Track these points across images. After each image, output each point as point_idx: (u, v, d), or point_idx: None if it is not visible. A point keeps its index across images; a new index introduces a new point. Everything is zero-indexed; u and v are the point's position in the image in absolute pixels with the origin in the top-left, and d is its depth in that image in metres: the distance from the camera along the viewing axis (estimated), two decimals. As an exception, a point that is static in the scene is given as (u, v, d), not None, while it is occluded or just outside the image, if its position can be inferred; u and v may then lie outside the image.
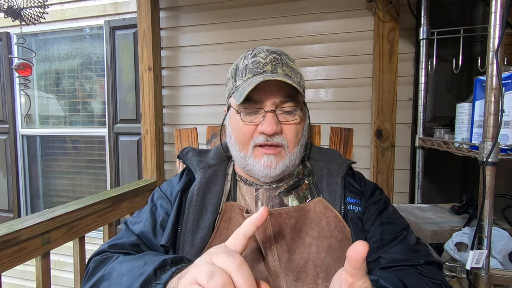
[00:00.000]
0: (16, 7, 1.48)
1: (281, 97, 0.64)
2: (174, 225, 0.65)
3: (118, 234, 0.70)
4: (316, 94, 1.62)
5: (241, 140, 0.68)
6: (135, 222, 0.70)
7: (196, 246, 0.62)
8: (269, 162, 0.65)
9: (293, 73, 0.67)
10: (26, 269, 2.28)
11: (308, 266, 0.60)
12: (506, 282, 0.76)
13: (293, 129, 0.66)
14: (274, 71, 0.64)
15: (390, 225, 0.66)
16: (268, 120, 0.63)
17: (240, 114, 0.67)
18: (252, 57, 0.67)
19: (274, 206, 0.68)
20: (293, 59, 0.72)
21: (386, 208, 0.69)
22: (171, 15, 1.82)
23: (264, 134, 0.64)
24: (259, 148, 0.66)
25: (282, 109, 0.65)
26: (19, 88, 2.25)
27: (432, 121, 1.44)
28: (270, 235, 0.62)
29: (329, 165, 0.73)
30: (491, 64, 0.72)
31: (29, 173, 2.40)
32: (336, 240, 0.62)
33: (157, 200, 0.73)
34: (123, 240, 0.65)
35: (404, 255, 0.61)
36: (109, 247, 0.64)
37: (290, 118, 0.66)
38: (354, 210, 0.66)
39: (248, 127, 0.66)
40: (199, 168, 0.72)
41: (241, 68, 0.68)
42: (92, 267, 0.60)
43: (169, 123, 1.87)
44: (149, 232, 0.66)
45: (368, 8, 1.52)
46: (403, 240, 0.64)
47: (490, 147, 0.73)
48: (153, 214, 0.69)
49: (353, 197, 0.68)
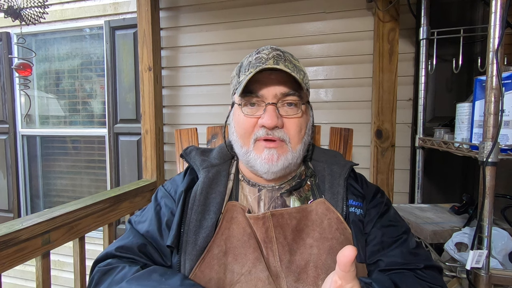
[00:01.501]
0: (16, 7, 1.48)
1: (282, 90, 0.64)
2: (179, 225, 0.65)
3: (123, 234, 0.69)
4: (316, 94, 1.62)
5: (242, 134, 0.68)
6: (139, 222, 0.70)
7: (198, 246, 0.62)
8: (270, 155, 0.64)
9: (296, 70, 0.66)
10: (26, 269, 2.28)
11: (309, 267, 0.60)
12: (506, 282, 0.76)
13: (295, 124, 0.66)
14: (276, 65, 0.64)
15: (391, 228, 0.66)
16: (268, 112, 0.63)
17: (241, 107, 0.67)
18: (256, 54, 0.68)
19: (276, 207, 0.68)
20: (298, 59, 0.72)
21: (387, 211, 0.69)
22: (171, 15, 1.82)
23: (265, 127, 0.64)
24: (260, 142, 0.65)
25: (283, 102, 0.65)
26: (19, 88, 2.25)
27: (432, 121, 1.44)
28: (272, 236, 0.62)
29: (331, 166, 0.72)
30: (491, 64, 0.72)
31: (29, 173, 2.40)
32: (337, 242, 0.62)
33: (161, 199, 0.72)
34: (130, 240, 0.65)
35: (403, 259, 0.61)
36: (116, 250, 0.63)
37: (292, 112, 0.65)
38: (356, 213, 0.66)
39: (249, 120, 0.66)
40: (203, 168, 0.71)
41: (245, 65, 0.68)
42: (97, 278, 0.60)
43: (169, 123, 1.87)
44: (154, 232, 0.66)
45: (368, 8, 1.52)
46: (403, 244, 0.64)
47: (490, 147, 0.73)
48: (158, 214, 0.69)
49: (355, 199, 0.68)
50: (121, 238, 0.67)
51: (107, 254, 0.64)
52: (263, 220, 0.63)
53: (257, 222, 0.63)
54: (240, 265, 0.61)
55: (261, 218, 0.63)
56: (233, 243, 0.63)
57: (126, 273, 0.57)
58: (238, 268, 0.61)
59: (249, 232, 0.64)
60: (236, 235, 0.64)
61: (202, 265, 0.62)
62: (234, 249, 0.63)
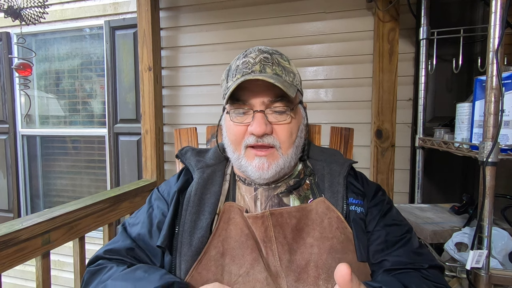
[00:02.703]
0: (16, 7, 1.48)
1: (270, 97, 0.63)
2: (171, 225, 0.64)
3: (115, 237, 0.70)
4: (316, 94, 1.62)
5: (233, 141, 0.68)
6: (133, 224, 0.70)
7: (193, 247, 0.62)
8: (261, 164, 0.64)
9: (285, 72, 0.65)
10: (26, 269, 2.28)
11: (309, 267, 0.60)
12: (506, 282, 0.76)
13: (285, 130, 0.65)
14: (262, 70, 0.63)
15: (395, 227, 0.66)
16: (256, 120, 0.62)
17: (230, 115, 0.66)
18: (243, 58, 0.67)
19: (273, 206, 0.68)
20: (289, 58, 0.70)
21: (390, 210, 0.69)
22: (171, 15, 1.82)
23: (254, 135, 0.63)
24: (251, 149, 0.65)
25: (272, 109, 0.64)
26: (19, 88, 2.25)
27: (432, 121, 1.44)
28: (271, 235, 0.62)
29: (330, 165, 0.72)
30: (491, 64, 0.72)
31: (29, 173, 2.40)
32: (338, 241, 0.62)
33: (154, 201, 0.73)
34: (118, 244, 0.66)
35: (408, 258, 0.61)
36: (104, 253, 0.65)
37: (281, 118, 0.65)
38: (357, 211, 0.65)
39: (238, 128, 0.66)
40: (197, 168, 0.71)
41: (233, 69, 0.67)
42: (86, 278, 0.62)
43: (169, 123, 1.87)
44: (145, 234, 0.66)
45: (368, 8, 1.52)
46: (407, 243, 0.63)
47: (490, 147, 0.73)
48: (150, 216, 0.69)
49: (355, 197, 0.67)
50: (111, 241, 0.68)
51: (97, 256, 0.66)
52: (262, 219, 0.62)
53: (256, 221, 0.62)
54: (238, 266, 0.61)
55: (260, 217, 0.62)
56: (231, 244, 0.63)
57: (113, 272, 0.59)
58: (236, 270, 0.61)
59: (247, 232, 0.64)
60: (233, 236, 0.64)
61: (199, 266, 0.61)
62: (232, 250, 0.62)
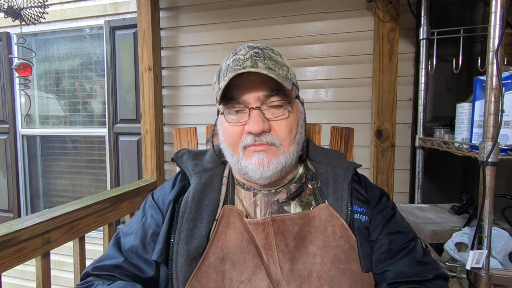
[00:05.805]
0: (16, 7, 1.48)
1: (265, 91, 0.60)
2: (166, 238, 0.61)
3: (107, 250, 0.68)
4: (316, 94, 1.62)
5: (230, 143, 0.64)
6: (127, 234, 0.68)
7: (190, 257, 0.60)
8: (260, 159, 0.60)
9: (278, 66, 0.62)
10: (26, 269, 2.28)
11: (312, 278, 0.58)
12: (506, 282, 0.76)
13: (284, 125, 0.62)
14: (254, 65, 0.59)
15: (398, 235, 0.64)
16: (253, 118, 0.59)
17: (224, 116, 0.63)
18: (233, 56, 0.64)
19: (272, 212, 0.65)
20: (280, 53, 0.67)
21: (394, 216, 0.67)
22: (171, 15, 1.82)
23: (251, 134, 0.60)
24: (249, 148, 0.62)
25: (268, 104, 0.61)
26: (19, 88, 2.25)
27: (432, 121, 1.44)
28: (272, 243, 0.59)
29: (334, 169, 0.69)
30: (491, 64, 0.72)
31: (29, 173, 2.40)
32: (341, 250, 0.59)
33: (148, 209, 0.70)
34: (107, 262, 0.64)
35: (412, 269, 0.59)
36: (92, 269, 0.64)
37: (279, 113, 0.61)
38: (361, 220, 0.63)
39: (234, 128, 0.62)
40: (195, 173, 0.68)
41: (223, 69, 0.64)
42: None
43: (169, 123, 1.87)
44: (138, 246, 0.64)
45: (368, 8, 1.52)
46: (411, 252, 0.62)
47: (490, 147, 0.73)
48: (143, 225, 0.67)
49: (360, 205, 0.65)
50: (101, 257, 0.67)
51: (86, 273, 0.65)
52: (263, 226, 0.60)
53: (257, 228, 0.60)
54: (239, 273, 0.59)
55: (261, 224, 0.60)
56: (231, 248, 0.60)
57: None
58: (237, 276, 0.58)
59: (248, 238, 0.61)
60: (233, 240, 0.61)
61: (198, 274, 0.59)
62: (232, 255, 0.60)
